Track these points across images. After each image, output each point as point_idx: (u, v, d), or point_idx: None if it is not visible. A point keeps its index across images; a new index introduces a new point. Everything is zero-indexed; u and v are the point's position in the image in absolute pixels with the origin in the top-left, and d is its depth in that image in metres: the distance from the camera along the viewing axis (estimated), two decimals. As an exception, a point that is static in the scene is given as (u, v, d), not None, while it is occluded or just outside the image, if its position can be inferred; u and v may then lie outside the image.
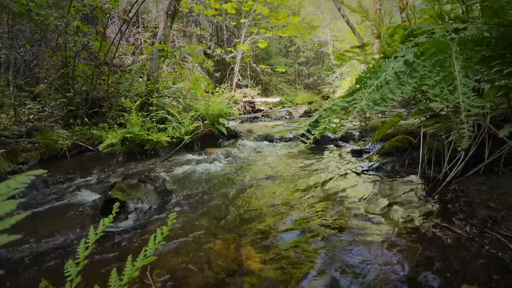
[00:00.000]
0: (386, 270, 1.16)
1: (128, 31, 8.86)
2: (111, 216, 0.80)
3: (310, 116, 7.42)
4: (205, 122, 5.12)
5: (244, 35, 11.27)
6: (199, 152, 3.88)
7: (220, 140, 4.68)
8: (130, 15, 6.82)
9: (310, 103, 12.01)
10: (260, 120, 7.98)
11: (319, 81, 17.21)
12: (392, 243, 1.35)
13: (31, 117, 4.33)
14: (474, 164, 1.75)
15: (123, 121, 4.08)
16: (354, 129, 4.43)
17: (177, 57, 8.88)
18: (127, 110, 4.04)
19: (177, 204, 2.11)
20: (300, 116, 8.28)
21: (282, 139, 4.62)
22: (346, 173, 2.54)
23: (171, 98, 5.91)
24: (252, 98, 10.56)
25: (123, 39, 8.18)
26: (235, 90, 11.03)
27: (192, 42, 11.35)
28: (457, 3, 1.96)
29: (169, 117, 4.51)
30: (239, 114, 8.80)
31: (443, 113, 1.78)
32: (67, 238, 1.66)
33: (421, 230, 1.44)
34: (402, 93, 1.28)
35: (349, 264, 1.22)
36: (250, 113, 9.27)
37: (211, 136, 4.45)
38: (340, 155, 3.31)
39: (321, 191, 2.15)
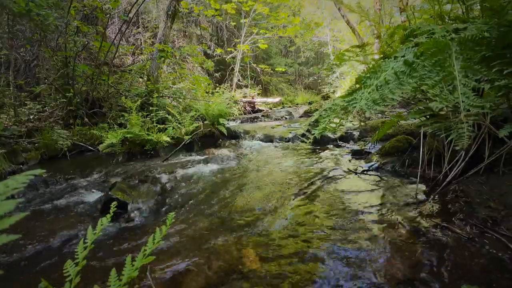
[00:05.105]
0: (386, 270, 1.16)
1: (128, 31, 8.87)
2: (109, 216, 0.80)
3: (310, 116, 7.42)
4: (205, 122, 5.12)
5: (244, 35, 11.27)
6: (199, 152, 3.88)
7: (220, 140, 4.68)
8: (130, 15, 6.83)
9: (310, 103, 12.00)
10: (260, 120, 7.98)
11: (319, 81, 17.19)
12: (392, 243, 1.35)
13: (31, 117, 4.33)
14: (474, 164, 1.75)
15: (123, 121, 4.09)
16: (354, 129, 4.43)
17: (177, 57, 8.88)
18: (127, 110, 4.04)
19: (177, 204, 2.11)
20: (300, 116, 8.28)
21: (282, 139, 4.62)
22: (345, 174, 2.53)
23: (171, 98, 5.91)
24: (252, 98, 10.55)
25: (123, 39, 8.18)
26: (235, 90, 11.03)
27: (192, 42, 11.35)
28: (457, 3, 1.95)
29: (169, 117, 4.51)
30: (239, 114, 8.80)
31: (442, 113, 1.78)
32: (67, 238, 1.66)
33: (421, 230, 1.43)
34: (402, 93, 1.28)
35: (349, 264, 1.22)
36: (250, 113, 9.27)
37: (211, 136, 4.45)
38: (340, 155, 3.31)
39: (321, 191, 2.15)
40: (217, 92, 6.84)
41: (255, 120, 8.07)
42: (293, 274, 1.19)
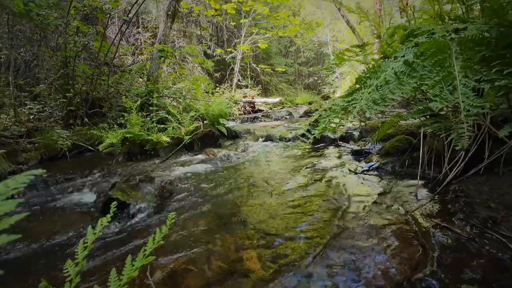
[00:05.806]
0: (386, 271, 1.16)
1: (128, 32, 8.87)
2: (109, 216, 0.80)
3: (310, 116, 7.42)
4: (205, 122, 5.12)
5: (244, 35, 11.28)
6: (199, 152, 3.88)
7: (220, 140, 4.68)
8: (130, 15, 6.82)
9: (310, 103, 12.02)
10: (260, 120, 7.98)
11: (319, 81, 17.21)
12: (392, 244, 1.35)
13: (31, 117, 4.34)
14: (474, 164, 1.75)
15: (123, 121, 4.09)
16: (354, 129, 4.43)
17: (177, 57, 8.89)
18: (127, 110, 4.04)
19: (177, 204, 2.11)
20: (300, 117, 8.29)
21: (282, 139, 4.62)
22: (345, 174, 2.53)
23: (171, 98, 5.91)
24: (252, 98, 10.55)
25: (123, 39, 8.18)
26: (235, 90, 11.04)
27: (192, 42, 11.35)
28: (457, 3, 1.96)
29: (169, 117, 4.51)
30: (239, 114, 8.81)
31: (442, 113, 1.78)
32: (67, 238, 1.66)
33: (421, 230, 1.43)
34: (402, 93, 1.28)
35: (349, 264, 1.22)
36: (250, 113, 9.28)
37: (211, 136, 4.45)
38: (340, 155, 3.31)
39: (321, 191, 2.15)
40: (217, 92, 6.86)
41: (255, 120, 8.07)
42: (293, 274, 1.18)
